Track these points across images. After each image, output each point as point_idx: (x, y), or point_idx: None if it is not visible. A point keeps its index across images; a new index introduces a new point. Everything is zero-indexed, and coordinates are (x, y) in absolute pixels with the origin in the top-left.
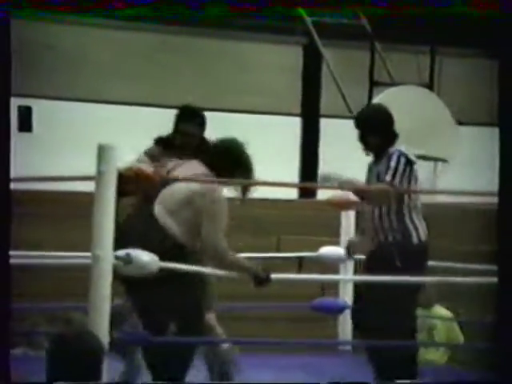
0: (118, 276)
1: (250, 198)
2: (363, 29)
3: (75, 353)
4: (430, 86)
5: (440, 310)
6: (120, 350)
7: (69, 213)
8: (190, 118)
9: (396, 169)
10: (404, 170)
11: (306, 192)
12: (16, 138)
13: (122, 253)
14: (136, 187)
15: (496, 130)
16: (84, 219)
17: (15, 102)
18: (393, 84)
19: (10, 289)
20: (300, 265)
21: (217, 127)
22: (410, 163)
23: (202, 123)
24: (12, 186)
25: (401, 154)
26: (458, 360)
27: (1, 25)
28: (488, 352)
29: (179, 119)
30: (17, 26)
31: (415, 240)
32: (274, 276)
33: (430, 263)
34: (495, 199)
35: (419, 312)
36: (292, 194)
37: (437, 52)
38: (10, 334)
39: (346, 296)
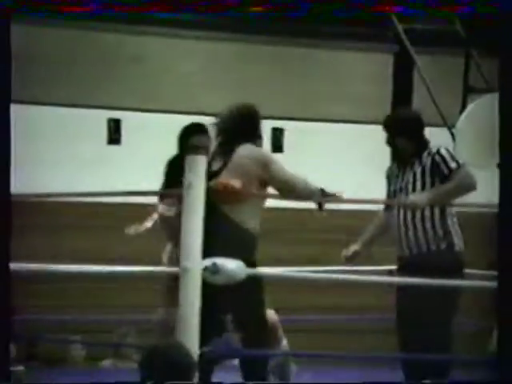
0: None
1: (339, 210)
2: (457, 34)
3: (168, 365)
4: None
5: None
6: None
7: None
8: (199, 132)
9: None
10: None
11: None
12: (106, 151)
13: (208, 262)
14: (224, 200)
15: None
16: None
17: (104, 115)
18: (488, 90)
19: (9, 290)
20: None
21: (304, 136)
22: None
23: (208, 136)
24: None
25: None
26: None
27: (1, 28)
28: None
29: (188, 135)
30: (98, 37)
31: (458, 248)
32: None
33: None
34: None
35: None
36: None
37: None
38: (9, 334)
39: None
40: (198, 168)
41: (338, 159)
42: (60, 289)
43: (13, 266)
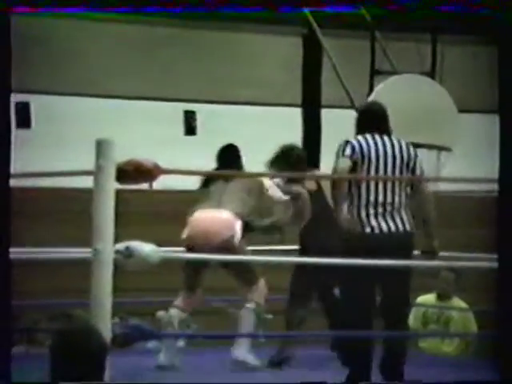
0: None
1: None
2: (363, 18)
3: (79, 349)
4: (431, 74)
5: (458, 302)
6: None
7: (68, 209)
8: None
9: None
10: None
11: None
12: (14, 135)
13: (121, 246)
14: (135, 181)
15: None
16: (83, 215)
17: (12, 98)
18: (394, 73)
19: (10, 288)
20: None
21: (217, 120)
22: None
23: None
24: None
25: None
26: (474, 352)
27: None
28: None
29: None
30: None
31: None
32: None
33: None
34: (495, 186)
35: (437, 303)
36: None
37: (438, 40)
38: (10, 332)
39: None
40: (107, 151)
41: (250, 142)
42: None
43: None
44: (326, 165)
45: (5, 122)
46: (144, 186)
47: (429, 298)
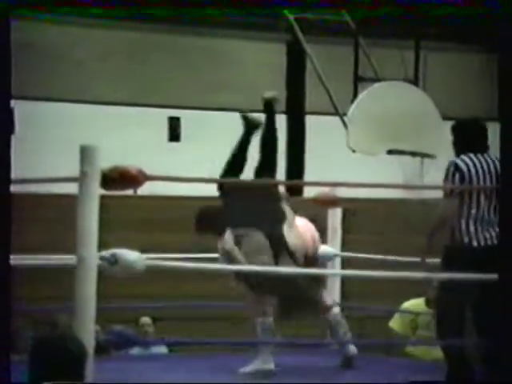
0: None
1: None
2: (346, 25)
3: (56, 355)
4: (415, 81)
5: None
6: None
7: (53, 215)
8: None
9: None
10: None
11: (293, 190)
12: None
13: (107, 253)
14: (120, 187)
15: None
16: (69, 222)
17: None
18: (377, 80)
19: (10, 293)
20: None
21: (201, 126)
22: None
23: None
24: None
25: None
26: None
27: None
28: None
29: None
30: None
31: None
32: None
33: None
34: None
35: (426, 309)
36: None
37: (421, 47)
38: (10, 338)
39: (333, 293)
40: (92, 157)
41: None
42: None
43: None
44: (310, 170)
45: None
46: (128, 192)
47: (417, 302)
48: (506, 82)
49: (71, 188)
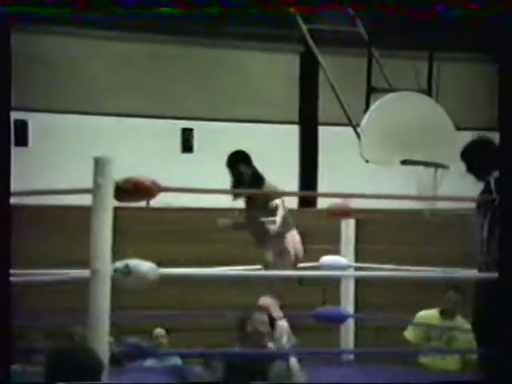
0: None
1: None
2: (360, 35)
3: (71, 367)
4: (428, 92)
5: (462, 322)
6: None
7: (67, 227)
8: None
9: None
10: None
11: (307, 201)
12: (12, 153)
13: (120, 264)
14: (134, 199)
15: (495, 135)
16: (83, 233)
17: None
18: (391, 90)
19: (10, 304)
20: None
21: (214, 137)
22: None
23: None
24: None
25: None
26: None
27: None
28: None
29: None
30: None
31: None
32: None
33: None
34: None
35: (440, 320)
36: (292, 202)
37: (434, 57)
38: (10, 349)
39: (348, 305)
40: (106, 169)
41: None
42: None
43: None
44: (323, 181)
45: (5, 140)
46: (141, 203)
47: (431, 313)
48: (506, 94)
49: (86, 200)
